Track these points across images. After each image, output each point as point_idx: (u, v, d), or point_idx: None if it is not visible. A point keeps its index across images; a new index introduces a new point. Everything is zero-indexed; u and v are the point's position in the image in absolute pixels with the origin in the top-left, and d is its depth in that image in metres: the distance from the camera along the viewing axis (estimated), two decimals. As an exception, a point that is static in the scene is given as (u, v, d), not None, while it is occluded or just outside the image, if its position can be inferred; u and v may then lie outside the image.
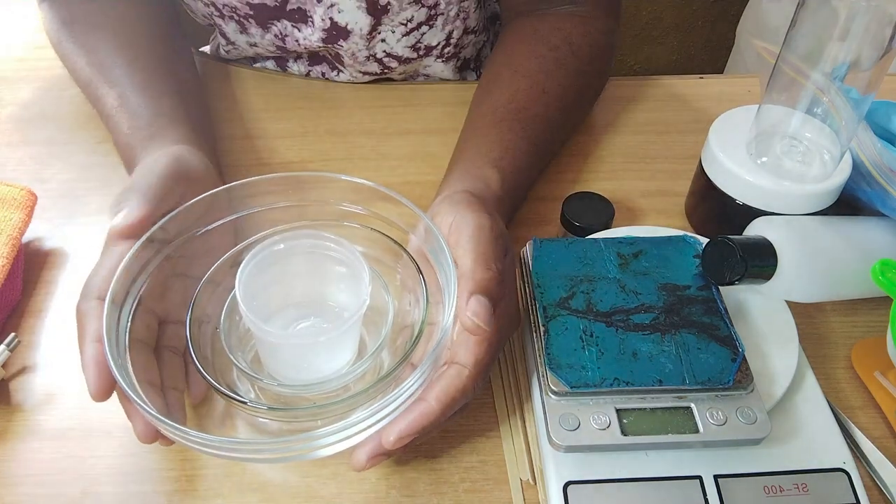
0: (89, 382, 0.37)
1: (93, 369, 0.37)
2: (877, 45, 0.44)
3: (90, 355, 0.38)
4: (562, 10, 0.61)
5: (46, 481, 0.42)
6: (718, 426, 0.39)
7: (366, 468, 0.38)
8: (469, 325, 0.38)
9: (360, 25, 0.62)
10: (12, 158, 0.61)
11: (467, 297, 0.39)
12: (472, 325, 0.38)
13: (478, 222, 0.42)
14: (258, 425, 0.43)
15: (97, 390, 0.37)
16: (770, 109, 0.51)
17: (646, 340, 0.41)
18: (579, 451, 0.39)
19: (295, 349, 0.43)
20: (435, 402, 0.37)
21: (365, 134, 0.64)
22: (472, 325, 0.38)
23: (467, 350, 0.39)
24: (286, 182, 0.46)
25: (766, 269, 0.43)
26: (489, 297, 0.39)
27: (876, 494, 0.41)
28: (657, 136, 0.65)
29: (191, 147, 0.49)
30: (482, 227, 0.42)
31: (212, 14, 0.65)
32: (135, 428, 0.38)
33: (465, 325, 0.39)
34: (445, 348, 0.39)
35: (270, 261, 0.43)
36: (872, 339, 0.49)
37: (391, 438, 0.37)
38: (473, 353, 0.39)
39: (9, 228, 0.50)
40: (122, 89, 0.53)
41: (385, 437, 0.37)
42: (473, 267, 0.40)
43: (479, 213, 0.43)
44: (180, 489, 0.41)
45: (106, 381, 0.37)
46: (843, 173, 0.49)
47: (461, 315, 0.39)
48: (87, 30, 0.58)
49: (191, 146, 0.49)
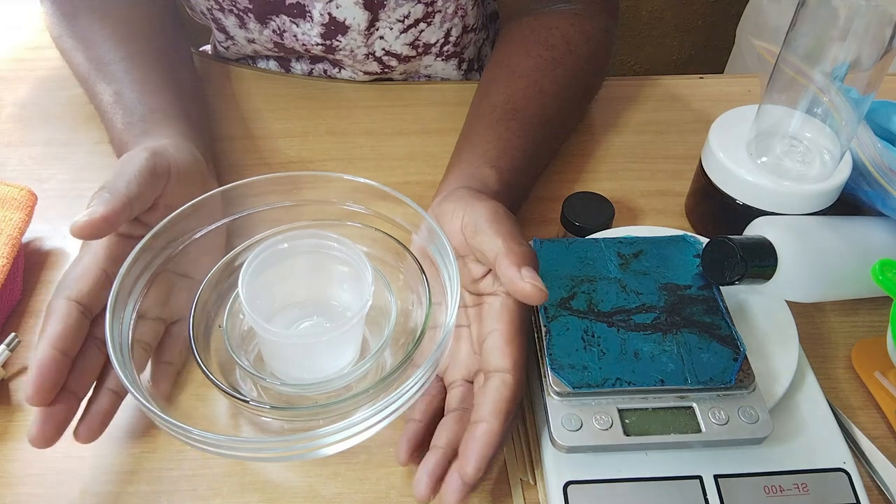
0: (28, 385, 0.37)
1: (36, 372, 0.37)
2: (877, 45, 0.44)
3: (38, 359, 0.37)
4: (559, 9, 0.61)
5: (46, 481, 0.42)
6: (720, 426, 0.39)
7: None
8: (530, 290, 0.37)
9: (358, 21, 0.62)
10: (12, 158, 0.61)
11: (517, 269, 0.38)
12: (534, 290, 0.37)
13: (492, 208, 0.42)
14: (260, 424, 0.43)
15: (34, 393, 0.37)
16: (770, 109, 0.51)
17: (647, 340, 0.41)
18: (582, 451, 0.39)
19: (297, 348, 0.43)
20: (493, 418, 0.37)
21: (365, 134, 0.64)
22: (533, 290, 0.37)
23: (502, 355, 0.38)
24: (289, 182, 0.46)
25: (767, 269, 0.44)
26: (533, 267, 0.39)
27: (876, 494, 0.42)
28: (657, 136, 0.65)
29: (181, 141, 0.49)
30: (497, 210, 0.42)
31: (211, 8, 0.65)
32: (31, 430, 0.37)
33: (524, 293, 0.38)
34: (448, 348, 0.39)
35: (273, 260, 0.43)
36: (872, 339, 0.49)
37: (471, 472, 0.36)
38: (509, 355, 0.38)
39: (9, 228, 0.50)
40: (118, 85, 0.53)
41: (464, 472, 0.36)
42: (508, 244, 0.40)
43: (488, 201, 0.44)
44: (180, 489, 0.41)
45: (44, 386, 0.37)
46: (843, 173, 0.49)
47: (518, 285, 0.38)
48: (88, 23, 0.58)
49: (183, 140, 0.49)
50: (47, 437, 0.38)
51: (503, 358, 0.38)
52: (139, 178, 0.43)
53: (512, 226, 0.42)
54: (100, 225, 0.40)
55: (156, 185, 0.44)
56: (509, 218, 0.42)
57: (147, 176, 0.43)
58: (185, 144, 0.49)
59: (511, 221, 0.42)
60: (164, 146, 0.47)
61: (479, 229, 0.41)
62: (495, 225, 0.41)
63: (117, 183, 0.42)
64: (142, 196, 0.43)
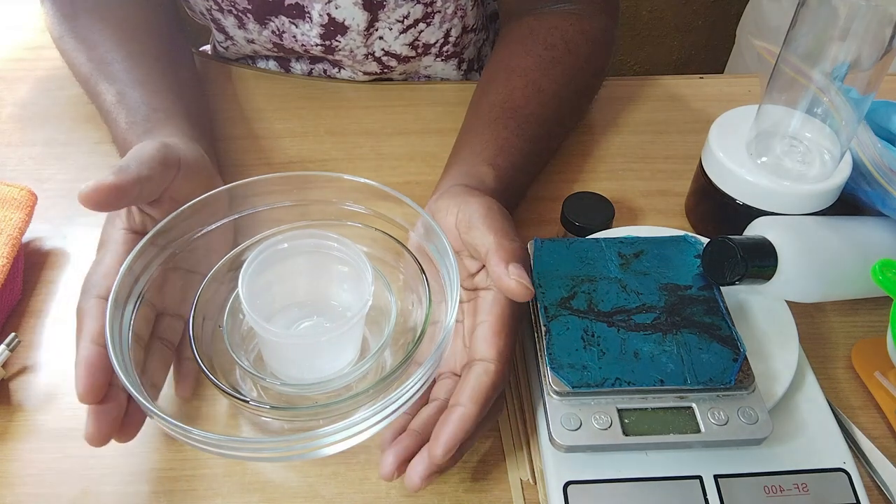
0: (78, 383, 0.37)
1: (83, 370, 0.37)
2: (877, 45, 0.44)
3: (83, 356, 0.37)
4: (559, 8, 0.61)
5: (46, 481, 0.42)
6: (720, 426, 0.39)
7: (422, 488, 0.37)
8: (516, 287, 0.38)
9: (357, 21, 0.62)
10: (12, 158, 0.61)
11: (505, 265, 0.39)
12: (520, 288, 0.38)
13: (485, 203, 0.43)
14: (260, 424, 0.43)
15: (85, 392, 0.37)
16: (770, 109, 0.51)
17: (647, 340, 0.41)
18: (581, 451, 0.39)
19: (297, 348, 0.43)
20: (471, 403, 0.37)
21: (365, 134, 0.64)
22: (519, 287, 0.38)
23: (488, 344, 0.39)
24: (289, 181, 0.46)
25: (767, 269, 0.44)
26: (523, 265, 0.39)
27: (876, 494, 0.42)
28: (657, 136, 0.65)
29: (185, 140, 0.49)
30: (490, 206, 0.43)
31: (210, 8, 0.65)
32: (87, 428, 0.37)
33: (510, 290, 0.38)
34: (447, 348, 0.39)
35: (273, 260, 0.43)
36: (872, 339, 0.49)
37: (439, 452, 0.36)
38: (495, 345, 0.39)
39: (9, 228, 0.50)
40: (120, 86, 0.53)
41: (433, 452, 0.36)
42: (498, 240, 0.40)
43: (482, 197, 0.44)
44: (180, 489, 0.41)
45: (95, 384, 0.37)
46: (843, 173, 0.49)
47: (504, 282, 0.38)
48: (88, 24, 0.58)
49: (187, 139, 0.49)
50: (103, 435, 0.37)
51: (489, 348, 0.39)
52: (150, 162, 0.43)
53: (504, 222, 0.42)
54: (108, 192, 0.39)
55: (165, 174, 0.44)
56: (502, 214, 0.43)
57: (158, 163, 0.43)
58: (190, 143, 0.49)
59: (504, 217, 0.42)
60: (175, 142, 0.47)
61: (472, 225, 0.42)
62: (488, 221, 0.41)
63: (129, 162, 0.42)
64: (151, 180, 0.42)
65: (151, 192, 0.43)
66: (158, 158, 0.43)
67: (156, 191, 0.43)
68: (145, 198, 0.43)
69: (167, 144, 0.45)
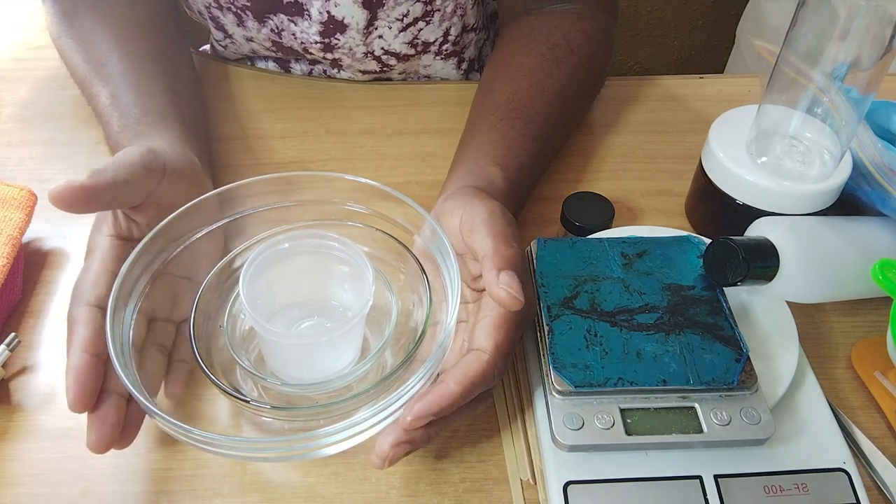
0: (68, 392, 0.37)
1: (73, 380, 0.37)
2: (877, 45, 0.45)
3: (73, 364, 0.37)
4: (559, 8, 0.61)
5: (46, 481, 0.41)
6: (722, 426, 0.39)
7: (388, 458, 0.37)
8: (504, 297, 0.38)
9: (357, 19, 0.62)
10: (12, 158, 0.61)
11: (496, 273, 0.38)
12: (508, 297, 0.38)
13: (489, 207, 0.43)
14: (261, 424, 0.43)
15: (75, 400, 0.37)
16: (770, 109, 0.51)
17: (650, 340, 0.41)
18: (583, 450, 0.39)
19: (298, 348, 0.43)
20: (454, 383, 0.37)
21: (365, 134, 0.64)
22: (507, 296, 0.38)
23: (486, 335, 0.39)
24: (289, 182, 0.46)
25: (768, 269, 0.44)
26: (517, 272, 0.39)
27: (876, 494, 0.42)
28: (657, 136, 0.65)
29: (176, 143, 0.49)
30: (493, 210, 0.42)
31: (209, 6, 0.65)
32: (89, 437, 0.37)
33: (498, 299, 0.38)
34: (448, 348, 0.39)
35: (274, 260, 0.43)
36: (872, 339, 0.49)
37: (408, 418, 0.36)
38: (493, 337, 0.38)
39: (9, 228, 0.49)
40: (114, 87, 0.53)
41: (402, 416, 0.36)
42: (495, 245, 0.40)
43: (487, 200, 0.44)
44: (180, 489, 0.41)
45: (85, 393, 0.37)
46: (843, 173, 0.49)
47: (493, 290, 0.38)
48: (87, 23, 0.58)
49: (178, 143, 0.49)
50: (105, 440, 0.37)
51: (487, 339, 0.38)
52: (130, 167, 0.42)
53: (505, 227, 0.41)
54: (78, 193, 0.39)
55: (148, 179, 0.43)
56: (505, 218, 0.42)
57: (139, 168, 0.43)
58: (181, 147, 0.48)
59: (506, 222, 0.42)
60: (162, 146, 0.47)
61: (473, 228, 0.41)
62: (489, 225, 0.41)
63: (107, 165, 0.41)
64: (130, 184, 0.42)
65: (131, 196, 0.43)
66: (141, 163, 0.43)
67: (138, 196, 0.43)
68: (124, 202, 0.42)
69: (152, 150, 0.45)
